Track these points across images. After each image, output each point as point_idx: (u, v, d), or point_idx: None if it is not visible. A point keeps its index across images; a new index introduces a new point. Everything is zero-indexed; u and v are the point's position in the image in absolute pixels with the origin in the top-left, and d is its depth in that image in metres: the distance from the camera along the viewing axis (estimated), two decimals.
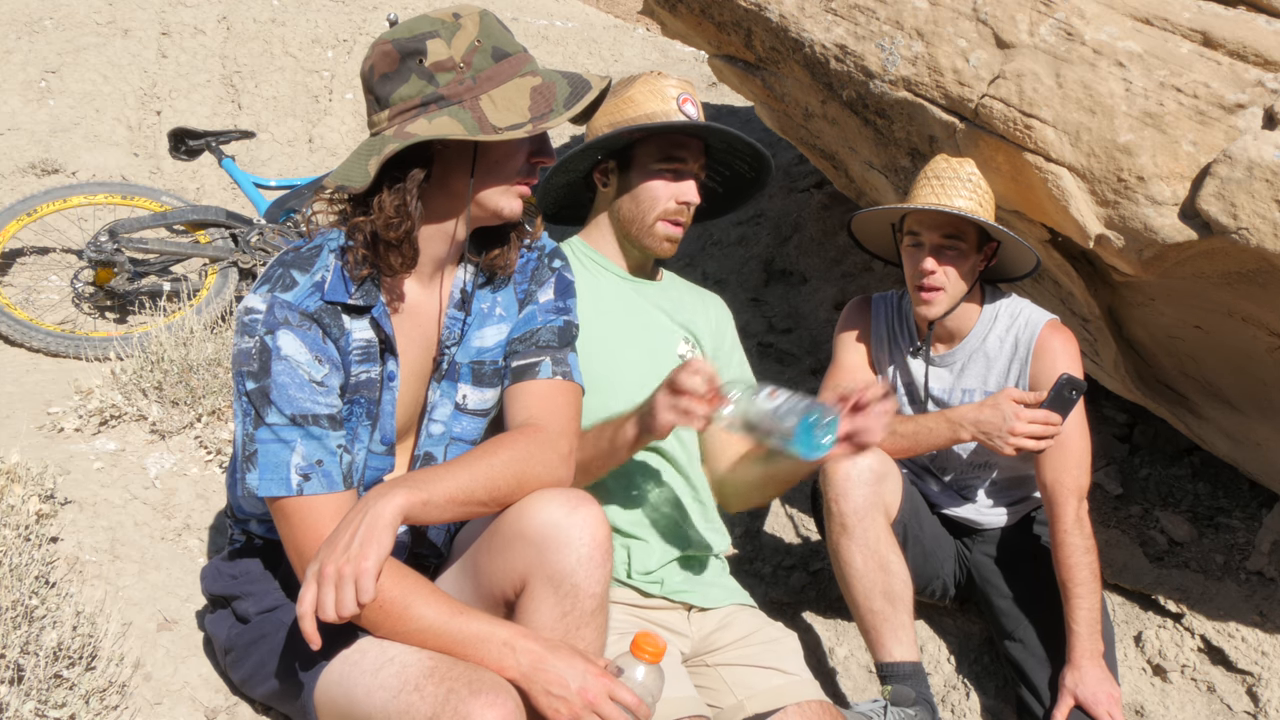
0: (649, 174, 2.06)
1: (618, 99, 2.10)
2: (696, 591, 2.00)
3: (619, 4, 8.87)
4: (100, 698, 1.69)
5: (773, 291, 4.25)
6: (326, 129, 5.40)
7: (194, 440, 2.61)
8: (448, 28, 1.54)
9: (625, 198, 2.08)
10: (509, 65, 1.56)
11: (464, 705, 1.36)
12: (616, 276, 2.12)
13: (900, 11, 2.51)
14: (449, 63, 1.53)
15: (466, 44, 1.54)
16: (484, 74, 1.54)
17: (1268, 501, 2.96)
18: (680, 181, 2.06)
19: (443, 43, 1.53)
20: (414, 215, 1.55)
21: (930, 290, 2.33)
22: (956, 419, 2.24)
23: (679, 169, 2.06)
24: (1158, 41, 2.19)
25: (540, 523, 1.51)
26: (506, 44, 1.57)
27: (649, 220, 2.06)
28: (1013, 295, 2.47)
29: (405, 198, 1.54)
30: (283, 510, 1.54)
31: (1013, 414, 2.17)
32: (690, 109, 2.07)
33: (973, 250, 2.33)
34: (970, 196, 2.32)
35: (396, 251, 1.58)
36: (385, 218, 1.54)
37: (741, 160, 2.18)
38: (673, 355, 2.09)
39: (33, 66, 5.25)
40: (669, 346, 2.10)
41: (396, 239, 1.56)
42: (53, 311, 3.65)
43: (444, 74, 1.53)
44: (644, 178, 2.06)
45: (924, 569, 2.46)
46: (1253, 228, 1.96)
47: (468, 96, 1.53)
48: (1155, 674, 2.55)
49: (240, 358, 1.55)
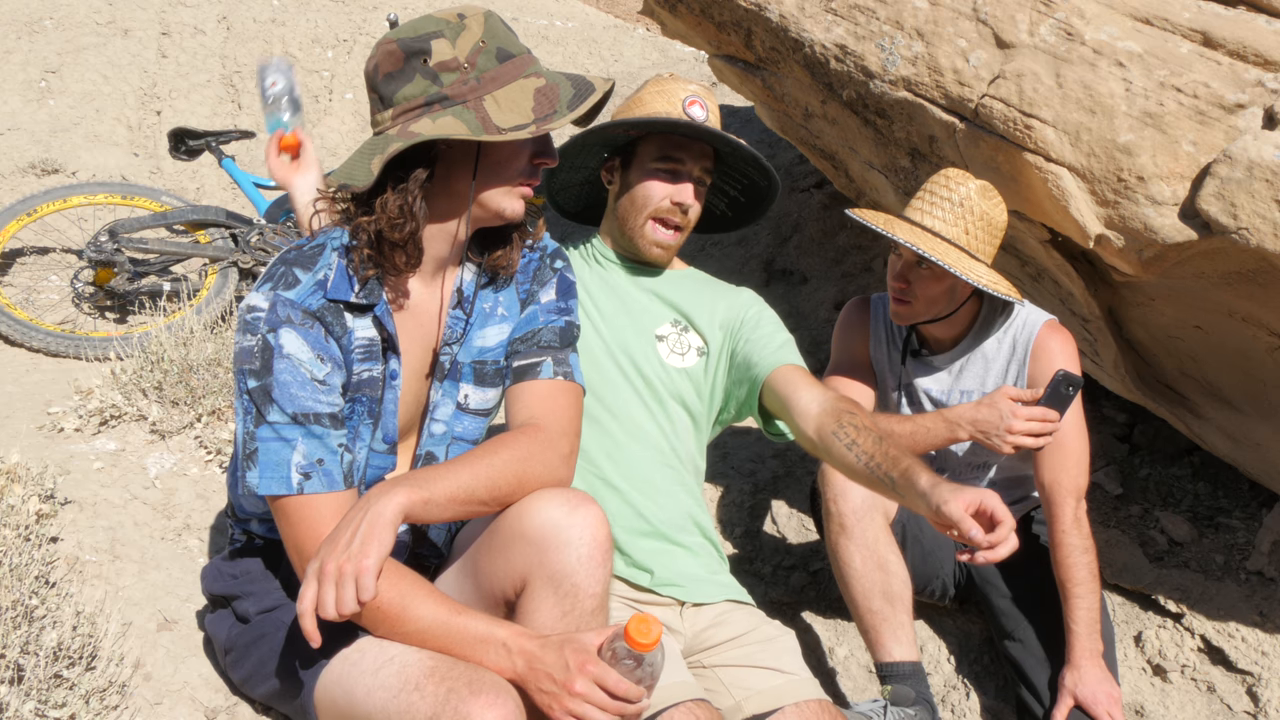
0: (646, 173, 2.06)
1: (630, 99, 2.11)
2: (688, 587, 1.98)
3: (619, 4, 8.87)
4: (100, 698, 1.69)
5: (773, 291, 4.25)
6: (326, 129, 5.40)
7: (194, 440, 2.61)
8: (452, 28, 1.54)
9: (624, 196, 2.09)
10: (513, 66, 1.56)
11: (464, 705, 1.37)
12: (615, 265, 2.14)
13: (900, 11, 2.51)
14: (453, 63, 1.53)
15: (471, 44, 1.54)
16: (488, 74, 1.54)
17: (1268, 501, 2.96)
18: (677, 183, 2.05)
19: (447, 43, 1.53)
20: (418, 215, 1.55)
21: (900, 301, 2.33)
22: (954, 418, 2.24)
23: (676, 169, 2.05)
24: (1158, 41, 2.19)
25: (540, 522, 1.51)
26: (511, 45, 1.58)
27: (640, 220, 2.06)
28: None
29: (408, 198, 1.54)
30: (283, 509, 1.54)
31: (1010, 412, 2.17)
32: (697, 111, 2.05)
33: (946, 272, 2.24)
34: (953, 221, 2.23)
35: (401, 251, 1.58)
36: (389, 218, 1.54)
37: (753, 168, 2.16)
38: (649, 335, 2.09)
39: (33, 66, 5.26)
40: (648, 326, 2.10)
41: (401, 239, 1.56)
42: (53, 311, 3.65)
43: (448, 74, 1.53)
44: (641, 176, 2.06)
45: (923, 569, 2.46)
46: (1253, 228, 1.96)
47: (471, 97, 1.53)
48: (1155, 674, 2.55)
49: (242, 356, 1.55)
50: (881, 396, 2.52)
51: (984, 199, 2.25)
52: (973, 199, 2.24)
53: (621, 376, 2.06)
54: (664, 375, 2.08)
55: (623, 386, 2.06)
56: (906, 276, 2.29)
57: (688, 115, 2.04)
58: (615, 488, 2.00)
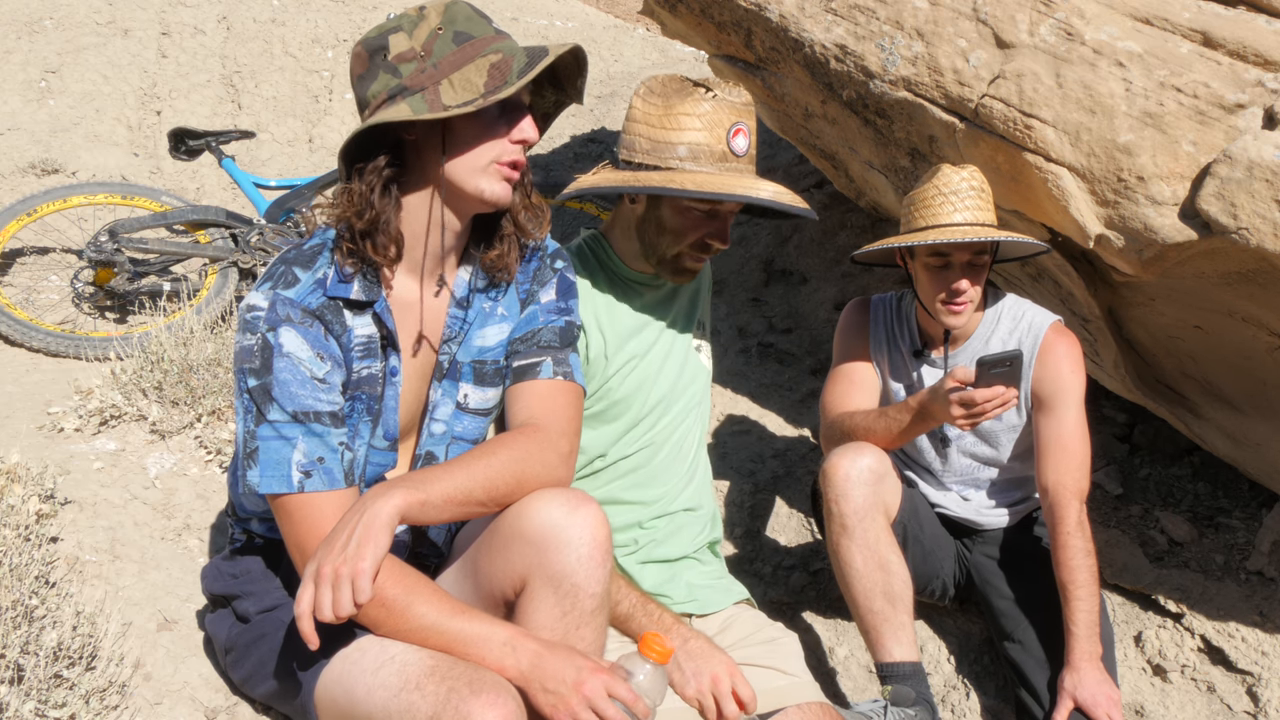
0: (681, 209, 1.91)
1: (665, 112, 1.89)
2: (697, 600, 2.01)
3: (619, 4, 8.87)
4: (100, 698, 1.69)
5: (773, 291, 4.25)
6: (326, 129, 5.41)
7: (194, 440, 2.61)
8: (411, 21, 1.57)
9: (651, 224, 1.95)
10: (471, 48, 1.56)
11: (465, 704, 1.37)
12: (636, 284, 2.05)
13: (900, 11, 2.51)
14: (410, 53, 1.55)
15: (427, 33, 1.55)
16: (445, 60, 1.55)
17: (1268, 501, 2.96)
18: (712, 221, 1.93)
19: (404, 35, 1.55)
20: (378, 203, 1.56)
21: (961, 305, 2.30)
22: (913, 403, 2.24)
23: (715, 209, 1.92)
24: (1158, 41, 2.19)
25: (540, 523, 1.52)
26: (472, 28, 1.57)
27: (671, 254, 1.96)
28: (1012, 295, 2.47)
29: (368, 186, 1.55)
30: (284, 507, 1.54)
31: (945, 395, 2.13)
32: (740, 142, 1.89)
33: (991, 258, 2.32)
34: (985, 208, 2.29)
35: (371, 240, 1.58)
36: (353, 207, 1.56)
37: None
38: (690, 350, 2.12)
39: (33, 66, 5.26)
40: (685, 342, 2.12)
41: (366, 227, 1.57)
42: (53, 311, 3.65)
43: (406, 65, 1.54)
44: (675, 212, 1.91)
45: (923, 569, 2.46)
46: (1253, 228, 1.96)
47: (429, 84, 1.54)
48: (1155, 674, 2.55)
49: (242, 355, 1.56)
50: (885, 397, 2.52)
51: (983, 175, 2.34)
52: (980, 179, 2.31)
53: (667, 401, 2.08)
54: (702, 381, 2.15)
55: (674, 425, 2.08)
56: (969, 282, 2.27)
57: (733, 148, 1.90)
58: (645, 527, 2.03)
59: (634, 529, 2.02)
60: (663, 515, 2.04)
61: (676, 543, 2.04)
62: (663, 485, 2.05)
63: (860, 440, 2.32)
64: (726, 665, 1.74)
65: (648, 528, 2.03)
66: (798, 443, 3.40)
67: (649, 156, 1.90)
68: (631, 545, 2.01)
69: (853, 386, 2.48)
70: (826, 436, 2.47)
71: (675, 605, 1.98)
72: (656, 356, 2.05)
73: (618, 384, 1.98)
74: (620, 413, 2.00)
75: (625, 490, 2.02)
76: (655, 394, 2.03)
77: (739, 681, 1.72)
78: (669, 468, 2.06)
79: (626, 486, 2.02)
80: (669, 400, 2.06)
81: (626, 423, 2.01)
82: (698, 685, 1.73)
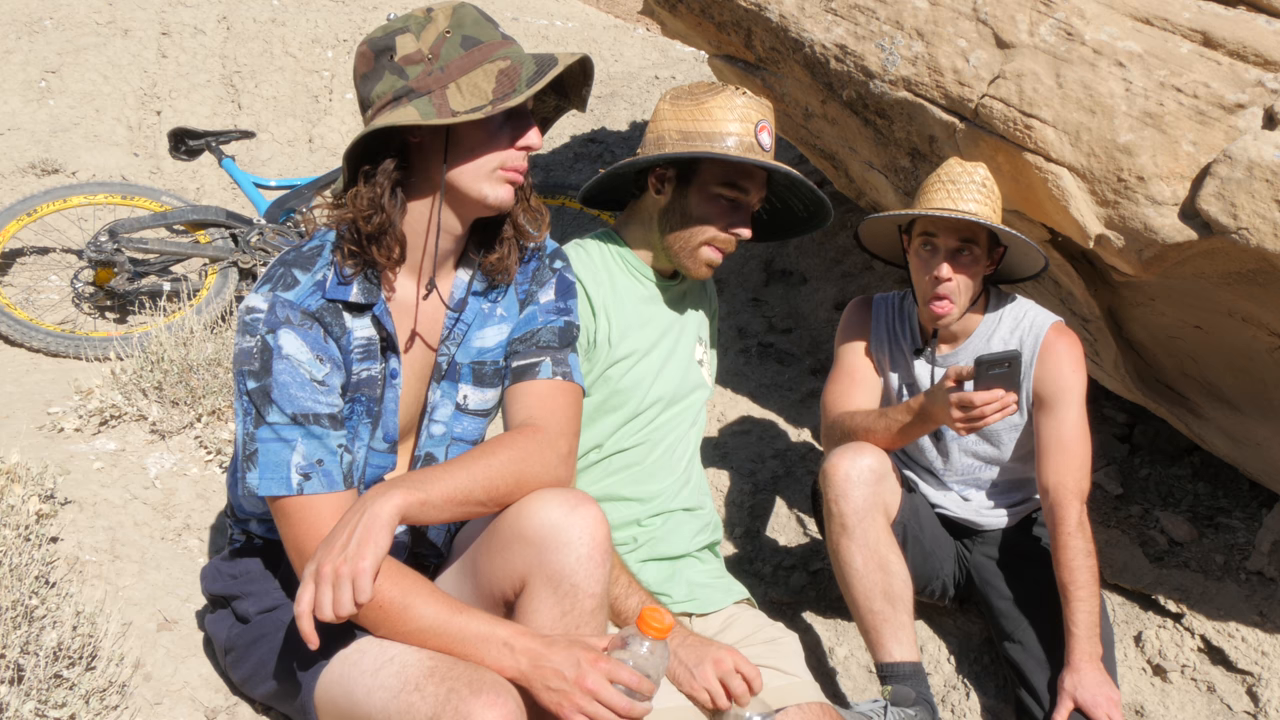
0: (708, 196, 1.98)
1: (696, 106, 1.99)
2: (698, 599, 2.02)
3: (619, 4, 8.87)
4: (100, 698, 1.69)
5: (773, 291, 4.25)
6: (326, 129, 5.41)
7: (194, 440, 2.61)
8: (418, 22, 1.56)
9: (676, 213, 2.01)
10: (479, 53, 1.56)
11: (465, 705, 1.36)
12: (647, 280, 2.09)
13: (900, 11, 2.51)
14: (417, 55, 1.54)
15: (435, 36, 1.55)
16: (452, 63, 1.54)
17: (1268, 501, 2.96)
18: (736, 212, 2.00)
19: (412, 37, 1.55)
20: (387, 206, 1.56)
21: (942, 299, 2.30)
22: (914, 405, 2.24)
23: (738, 199, 1.99)
24: (1158, 41, 2.19)
25: (539, 523, 1.52)
26: (480, 33, 1.57)
27: (695, 243, 2.00)
28: (1017, 297, 2.47)
29: (377, 190, 1.55)
30: (283, 509, 1.54)
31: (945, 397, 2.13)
32: (765, 138, 1.99)
33: (984, 255, 2.32)
34: (984, 201, 2.30)
35: (377, 243, 1.58)
36: (360, 211, 1.56)
37: (798, 199, 2.14)
38: (693, 360, 2.14)
39: (33, 66, 5.26)
40: (689, 350, 2.15)
41: (373, 231, 1.57)
42: (53, 311, 3.65)
43: (413, 67, 1.54)
44: (702, 200, 1.98)
45: (923, 569, 2.46)
46: (1253, 228, 1.96)
47: (436, 87, 1.54)
48: (1155, 674, 2.55)
49: (241, 357, 1.56)
50: (886, 397, 2.52)
51: (995, 179, 2.35)
52: (990, 179, 2.34)
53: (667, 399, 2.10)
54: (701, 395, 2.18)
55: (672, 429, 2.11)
56: (950, 269, 2.28)
57: (759, 142, 1.98)
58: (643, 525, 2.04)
59: (632, 526, 2.02)
60: (661, 513, 2.05)
61: (676, 540, 2.05)
62: (659, 482, 2.05)
63: (861, 440, 2.32)
64: (727, 649, 1.73)
65: (646, 525, 2.03)
66: (798, 443, 3.40)
67: (680, 147, 1.98)
68: (631, 543, 2.01)
69: (854, 385, 2.48)
70: (827, 436, 2.47)
71: (675, 604, 1.98)
72: (659, 355, 2.07)
73: (618, 374, 2.00)
74: (619, 404, 2.01)
75: (623, 486, 2.02)
76: (655, 391, 2.05)
77: (741, 660, 1.69)
78: (665, 465, 2.07)
79: (624, 482, 2.03)
80: (668, 400, 2.08)
81: (624, 415, 2.02)
82: (701, 674, 1.69)
